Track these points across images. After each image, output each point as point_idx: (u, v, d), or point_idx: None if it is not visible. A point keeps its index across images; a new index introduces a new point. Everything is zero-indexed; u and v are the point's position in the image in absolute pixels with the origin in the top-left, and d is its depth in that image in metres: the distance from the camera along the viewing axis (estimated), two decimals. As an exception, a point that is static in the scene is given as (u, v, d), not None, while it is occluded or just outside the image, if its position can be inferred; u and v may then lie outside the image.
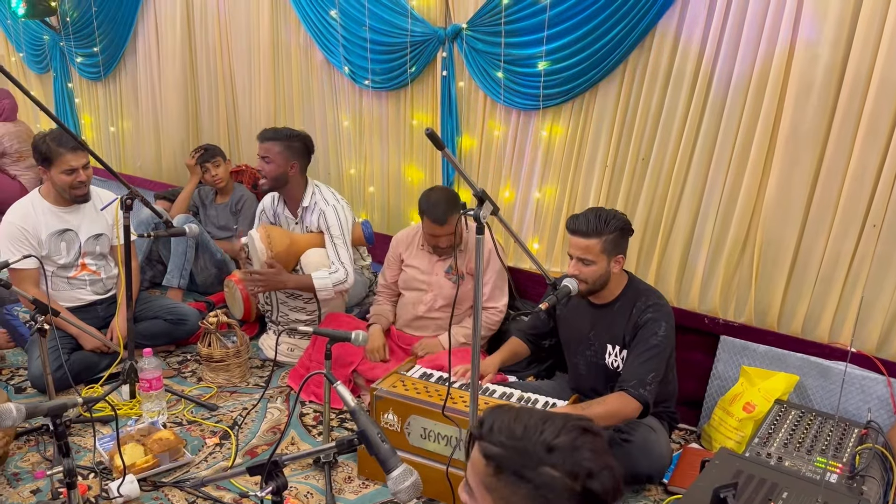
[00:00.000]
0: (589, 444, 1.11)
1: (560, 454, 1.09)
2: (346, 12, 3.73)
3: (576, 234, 2.47)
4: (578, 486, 1.08)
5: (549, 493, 1.09)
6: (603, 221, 2.44)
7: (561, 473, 1.08)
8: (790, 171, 2.67)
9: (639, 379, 2.40)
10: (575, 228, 2.47)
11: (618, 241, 2.48)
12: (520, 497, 1.11)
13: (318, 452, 1.66)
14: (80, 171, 3.15)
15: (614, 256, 2.48)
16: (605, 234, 2.44)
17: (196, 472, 2.66)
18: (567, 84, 3.11)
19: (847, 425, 2.43)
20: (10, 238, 3.15)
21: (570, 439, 1.10)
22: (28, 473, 2.61)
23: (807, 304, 2.76)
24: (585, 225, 2.45)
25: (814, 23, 2.50)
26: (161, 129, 5.15)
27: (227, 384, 3.30)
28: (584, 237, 2.45)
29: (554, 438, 1.10)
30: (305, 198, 3.48)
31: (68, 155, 3.10)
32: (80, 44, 5.39)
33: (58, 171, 3.12)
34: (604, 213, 2.48)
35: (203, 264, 4.18)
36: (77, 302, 3.34)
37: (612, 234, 2.45)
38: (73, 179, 3.15)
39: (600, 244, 2.44)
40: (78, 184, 3.17)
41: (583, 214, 2.49)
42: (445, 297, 3.23)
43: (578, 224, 2.47)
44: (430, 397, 2.52)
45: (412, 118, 3.79)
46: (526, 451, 1.11)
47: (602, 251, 2.45)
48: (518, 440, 1.12)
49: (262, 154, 3.37)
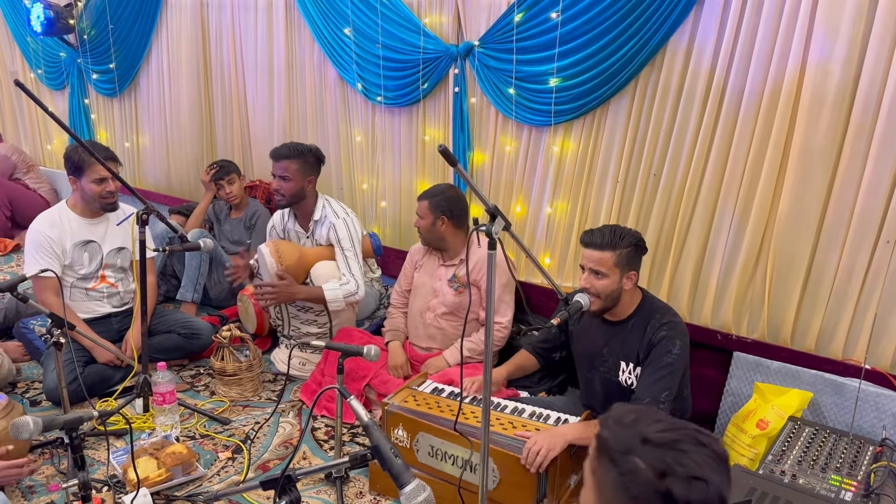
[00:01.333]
0: (693, 452, 1.07)
1: (653, 448, 1.08)
2: (360, 30, 3.77)
3: (589, 246, 2.48)
4: (663, 486, 1.05)
5: (631, 483, 1.07)
6: (618, 236, 2.45)
7: (646, 466, 1.07)
8: (803, 187, 2.67)
9: (652, 397, 2.40)
10: (589, 241, 2.48)
11: (631, 256, 2.48)
12: (608, 482, 1.11)
13: (332, 467, 1.66)
14: (111, 181, 3.21)
15: (627, 272, 2.48)
16: (619, 249, 2.44)
17: (209, 486, 2.67)
18: (578, 100, 3.13)
19: (862, 443, 2.40)
20: (36, 246, 3.21)
21: (672, 438, 1.08)
22: (42, 486, 2.63)
23: (820, 320, 2.74)
24: (600, 238, 2.46)
25: (826, 41, 2.51)
26: (176, 144, 5.21)
27: (239, 398, 3.32)
28: (597, 249, 2.46)
29: (655, 433, 1.09)
30: (316, 211, 3.51)
31: (99, 164, 3.15)
32: (96, 60, 5.46)
33: (88, 179, 3.20)
34: (619, 228, 2.49)
35: (217, 279, 4.21)
36: (93, 314, 3.37)
37: (626, 249, 2.45)
38: (102, 189, 3.22)
39: (614, 258, 2.44)
40: (107, 193, 3.24)
41: (598, 229, 2.51)
42: (448, 304, 3.24)
43: (593, 237, 2.48)
44: (442, 412, 2.52)
45: (424, 134, 3.82)
46: (623, 439, 1.10)
47: (615, 265, 2.45)
48: (623, 427, 1.12)
49: (281, 173, 3.39)
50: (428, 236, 3.28)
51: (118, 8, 5.06)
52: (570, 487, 2.42)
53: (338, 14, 3.85)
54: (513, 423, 2.46)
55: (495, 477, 2.35)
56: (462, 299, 3.20)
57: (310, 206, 3.51)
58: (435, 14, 3.57)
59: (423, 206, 3.22)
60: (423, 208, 3.22)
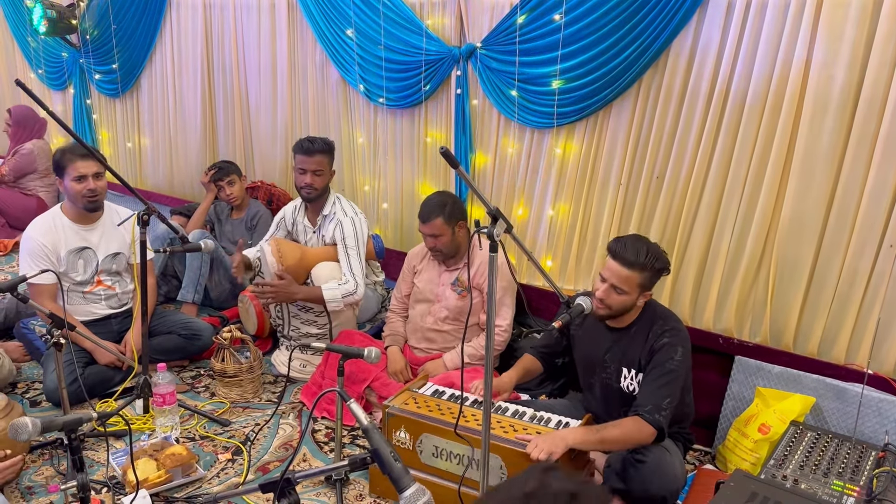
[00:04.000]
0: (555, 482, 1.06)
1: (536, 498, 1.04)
2: (362, 31, 3.77)
3: (618, 259, 2.40)
4: None
5: None
6: (652, 257, 2.39)
7: None
8: (806, 190, 2.66)
9: (654, 404, 2.38)
10: (621, 255, 2.40)
11: (654, 278, 2.44)
12: None
13: (331, 470, 1.65)
14: (91, 179, 3.16)
15: (644, 291, 2.46)
16: (648, 271, 2.39)
17: (208, 487, 2.66)
18: (581, 102, 3.12)
19: (864, 448, 2.39)
20: (30, 253, 3.18)
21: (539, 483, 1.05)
22: (42, 487, 2.62)
23: (823, 325, 2.73)
24: (634, 255, 2.37)
25: (829, 44, 2.50)
26: (178, 145, 5.21)
27: (239, 399, 3.31)
28: (627, 267, 2.38)
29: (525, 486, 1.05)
30: (326, 206, 3.51)
31: (78, 162, 3.13)
32: (98, 60, 5.47)
33: (69, 178, 3.15)
34: (653, 247, 2.42)
35: (217, 280, 4.20)
36: (91, 316, 3.36)
37: (653, 272, 2.41)
38: (83, 188, 3.16)
39: (640, 278, 2.39)
40: (88, 192, 3.18)
41: (632, 243, 2.41)
42: (450, 308, 3.23)
43: (627, 252, 2.39)
44: (443, 415, 2.51)
45: (426, 136, 3.82)
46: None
47: (639, 285, 2.41)
48: None
49: (315, 168, 3.38)
50: (450, 249, 3.19)
51: (121, 9, 5.07)
52: (570, 491, 2.41)
53: (340, 15, 3.84)
54: (514, 426, 2.46)
55: (503, 474, 2.35)
56: (465, 303, 3.19)
57: (323, 201, 3.52)
58: (437, 15, 3.57)
59: (436, 224, 3.10)
60: (439, 226, 3.11)
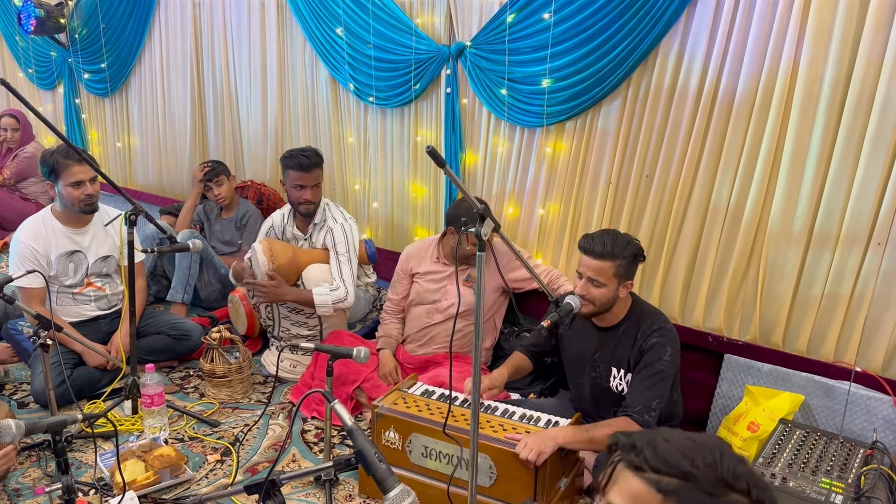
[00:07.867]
0: None
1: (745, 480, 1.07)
2: (352, 30, 3.76)
3: (589, 254, 2.43)
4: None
5: None
6: (619, 246, 2.41)
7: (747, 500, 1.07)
8: (794, 188, 2.66)
9: (643, 405, 2.38)
10: (590, 249, 2.43)
11: (630, 266, 2.45)
12: None
13: (317, 471, 1.65)
14: (88, 184, 3.15)
15: (624, 282, 2.46)
16: (620, 259, 2.41)
17: (197, 489, 2.65)
18: (571, 101, 3.12)
19: (852, 446, 2.40)
20: (20, 257, 3.16)
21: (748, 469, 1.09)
22: (29, 489, 2.60)
23: (812, 323, 2.74)
24: (601, 247, 2.41)
25: (817, 41, 2.51)
26: (167, 144, 5.19)
27: (229, 400, 3.29)
28: (597, 259, 2.41)
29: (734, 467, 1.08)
30: (317, 214, 3.49)
31: (75, 167, 3.10)
32: (87, 60, 5.44)
33: (65, 183, 3.12)
34: (620, 237, 2.44)
35: (207, 279, 4.18)
36: (81, 317, 3.34)
37: (626, 260, 2.42)
38: (81, 193, 3.14)
39: (613, 268, 2.41)
40: (86, 197, 3.16)
41: (598, 236, 2.45)
42: (466, 303, 3.18)
43: (594, 245, 2.42)
44: (432, 415, 2.50)
45: (416, 135, 3.81)
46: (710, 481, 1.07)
47: (614, 275, 2.42)
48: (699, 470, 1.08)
49: (314, 183, 3.39)
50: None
51: (110, 8, 5.04)
52: (559, 490, 2.41)
53: (329, 14, 3.83)
54: (503, 425, 2.45)
55: (493, 474, 2.34)
56: None
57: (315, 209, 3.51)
58: (427, 14, 3.56)
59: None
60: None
